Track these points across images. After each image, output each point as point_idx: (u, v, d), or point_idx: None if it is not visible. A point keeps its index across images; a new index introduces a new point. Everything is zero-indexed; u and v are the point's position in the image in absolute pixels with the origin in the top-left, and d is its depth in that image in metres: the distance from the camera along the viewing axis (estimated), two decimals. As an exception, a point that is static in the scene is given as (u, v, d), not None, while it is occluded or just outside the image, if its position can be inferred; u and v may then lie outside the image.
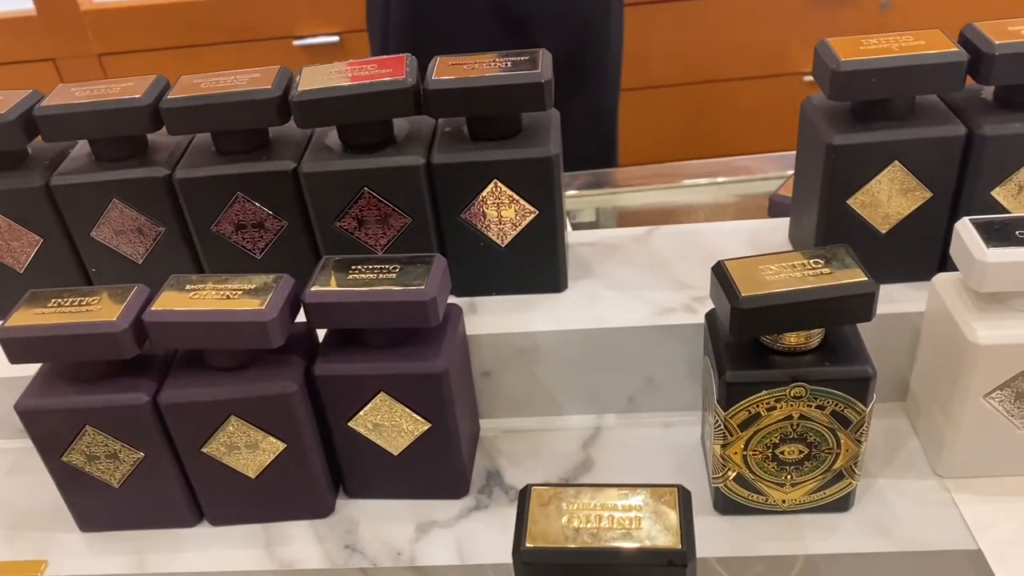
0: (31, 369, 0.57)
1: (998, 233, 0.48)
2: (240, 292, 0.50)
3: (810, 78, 1.97)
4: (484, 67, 0.54)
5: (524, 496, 0.40)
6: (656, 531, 0.38)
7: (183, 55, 1.91)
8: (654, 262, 0.64)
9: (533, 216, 0.58)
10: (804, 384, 0.47)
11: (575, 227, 0.86)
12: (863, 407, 0.48)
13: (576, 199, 0.93)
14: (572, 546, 0.38)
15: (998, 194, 0.54)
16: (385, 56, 0.57)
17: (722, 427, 0.49)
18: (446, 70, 0.55)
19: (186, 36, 1.92)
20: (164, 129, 0.57)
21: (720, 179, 0.96)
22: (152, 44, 1.94)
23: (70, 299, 0.51)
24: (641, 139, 2.09)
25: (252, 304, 0.49)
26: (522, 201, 0.57)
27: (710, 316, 0.52)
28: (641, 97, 2.04)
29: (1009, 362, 0.49)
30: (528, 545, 0.38)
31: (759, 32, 1.97)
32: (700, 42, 2.00)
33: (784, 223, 0.65)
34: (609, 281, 0.62)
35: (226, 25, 1.90)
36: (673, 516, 0.38)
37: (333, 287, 0.50)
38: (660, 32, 2.00)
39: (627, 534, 0.38)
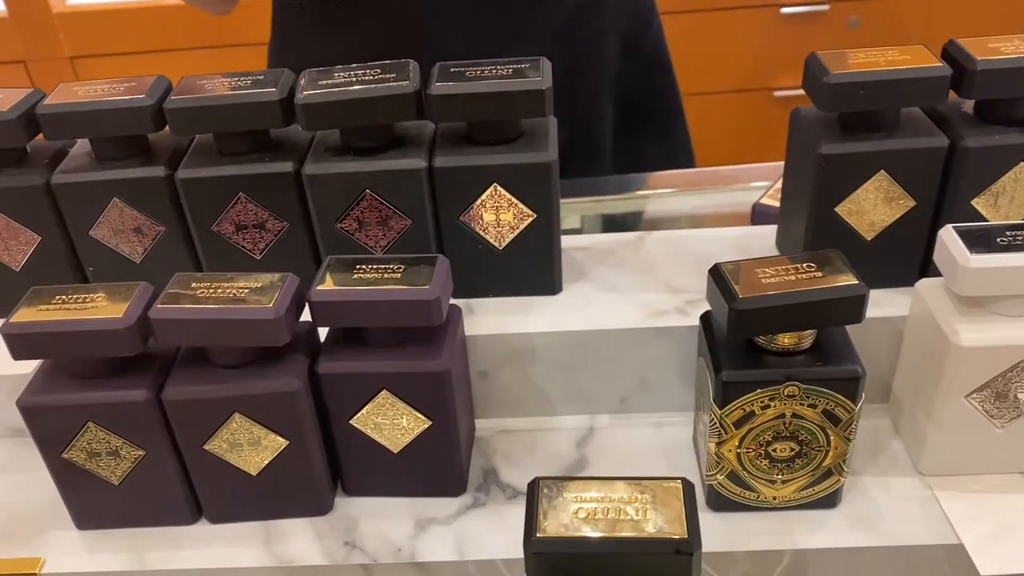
0: (25, 368, 0.58)
1: (980, 240, 0.50)
2: (247, 290, 0.51)
3: (781, 93, 2.02)
4: (485, 73, 0.56)
5: (533, 488, 0.41)
6: (662, 521, 0.39)
7: (157, 59, 1.90)
8: (645, 266, 0.65)
9: (531, 219, 0.59)
10: (797, 383, 0.49)
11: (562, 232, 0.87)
12: (853, 405, 0.50)
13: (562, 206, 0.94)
14: (581, 535, 0.39)
15: (978, 203, 0.57)
16: (388, 61, 0.58)
17: (718, 425, 0.51)
18: (447, 76, 0.56)
19: (160, 40, 1.91)
20: (166, 129, 0.58)
21: (701, 189, 0.99)
22: (125, 48, 1.93)
23: (74, 296, 0.51)
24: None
25: (260, 302, 0.50)
26: (520, 205, 0.58)
27: (705, 318, 0.53)
28: (616, 109, 2.07)
29: (989, 363, 0.51)
30: (539, 535, 0.39)
31: (732, 48, 2.01)
32: (675, 56, 2.04)
33: (768, 230, 0.67)
34: (602, 284, 0.64)
35: (201, 29, 1.89)
36: (678, 507, 0.40)
37: (338, 286, 0.51)
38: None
39: (635, 524, 0.39)
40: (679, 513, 0.40)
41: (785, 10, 2.04)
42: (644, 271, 0.65)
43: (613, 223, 0.93)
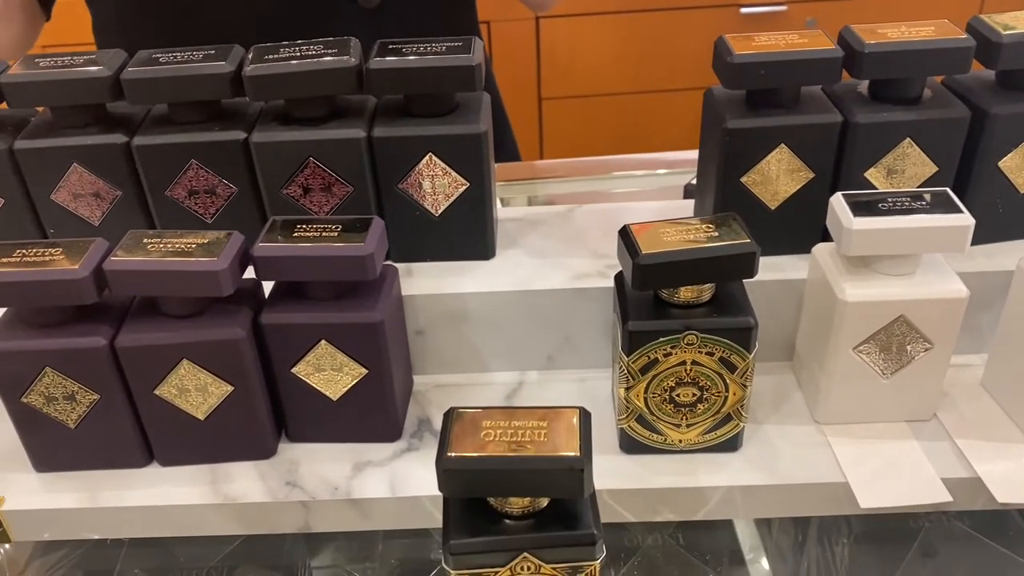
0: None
1: (864, 206, 0.56)
2: (194, 246, 0.55)
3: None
4: (421, 50, 0.60)
5: (448, 417, 0.46)
6: (559, 443, 0.44)
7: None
8: (573, 235, 0.70)
9: (464, 188, 0.64)
10: (696, 332, 0.54)
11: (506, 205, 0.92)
12: (747, 354, 0.55)
13: (508, 186, 0.99)
14: (486, 454, 0.43)
15: (871, 175, 0.62)
16: (332, 38, 0.62)
17: (626, 372, 0.56)
18: (386, 51, 0.61)
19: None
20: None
21: (644, 172, 1.04)
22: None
23: (34, 250, 0.55)
24: (575, 143, 2.18)
25: (206, 255, 0.54)
26: (454, 173, 0.63)
27: (618, 276, 0.58)
28: (577, 105, 2.13)
29: (873, 318, 0.56)
30: (449, 454, 0.44)
31: (693, 46, 2.07)
32: (638, 53, 2.10)
33: (689, 204, 0.72)
34: (533, 251, 0.68)
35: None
36: (575, 431, 0.45)
37: (280, 243, 0.55)
38: (603, 42, 2.08)
39: (536, 445, 0.44)
40: (575, 436, 0.44)
41: (744, 10, 2.10)
42: (572, 239, 0.70)
43: (556, 201, 0.99)
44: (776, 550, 0.67)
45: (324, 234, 0.56)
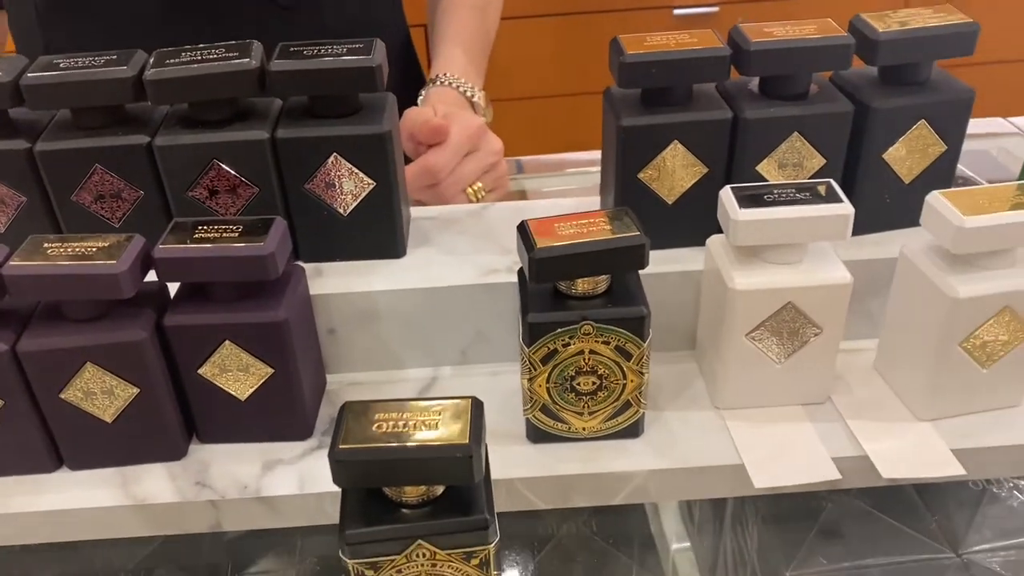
0: None
1: (751, 198, 0.58)
2: (95, 249, 0.55)
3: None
4: (322, 52, 0.61)
5: (342, 410, 0.47)
6: (449, 431, 0.45)
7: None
8: (485, 232, 0.71)
9: (371, 187, 0.65)
10: (592, 323, 0.56)
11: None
12: (641, 342, 0.57)
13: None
14: (376, 445, 0.45)
15: (763, 168, 0.64)
16: (234, 41, 0.63)
17: (528, 363, 0.57)
18: (287, 54, 0.61)
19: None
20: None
21: (579, 169, 1.06)
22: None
23: (-69, 257, 0.55)
24: (519, 144, 2.20)
25: (106, 259, 0.54)
26: (360, 174, 0.64)
27: (520, 271, 0.60)
28: (518, 107, 2.15)
29: (763, 305, 0.59)
30: (340, 447, 0.45)
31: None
32: (576, 55, 2.12)
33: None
34: (444, 248, 0.70)
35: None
36: (465, 419, 0.46)
37: (179, 244, 0.56)
38: (541, 45, 2.10)
39: (424, 434, 0.45)
40: (464, 424, 0.46)
41: (677, 11, 2.15)
42: (483, 236, 0.71)
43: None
44: (697, 533, 0.69)
45: (225, 235, 0.56)
